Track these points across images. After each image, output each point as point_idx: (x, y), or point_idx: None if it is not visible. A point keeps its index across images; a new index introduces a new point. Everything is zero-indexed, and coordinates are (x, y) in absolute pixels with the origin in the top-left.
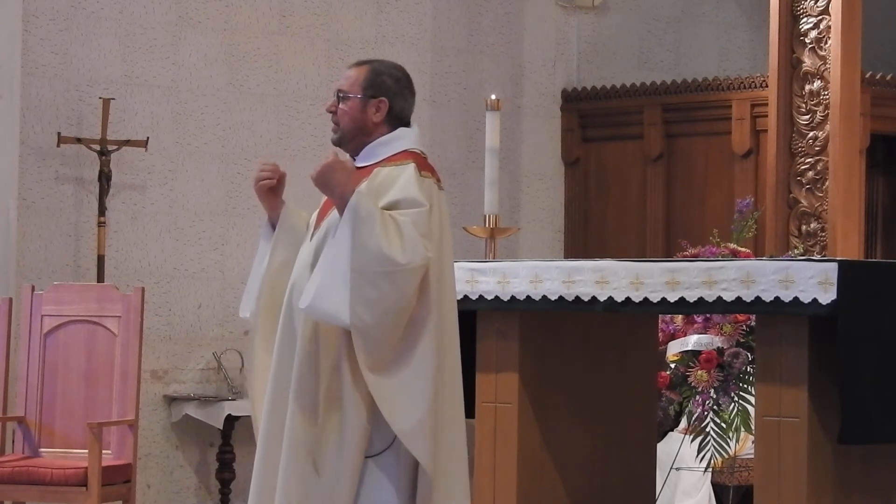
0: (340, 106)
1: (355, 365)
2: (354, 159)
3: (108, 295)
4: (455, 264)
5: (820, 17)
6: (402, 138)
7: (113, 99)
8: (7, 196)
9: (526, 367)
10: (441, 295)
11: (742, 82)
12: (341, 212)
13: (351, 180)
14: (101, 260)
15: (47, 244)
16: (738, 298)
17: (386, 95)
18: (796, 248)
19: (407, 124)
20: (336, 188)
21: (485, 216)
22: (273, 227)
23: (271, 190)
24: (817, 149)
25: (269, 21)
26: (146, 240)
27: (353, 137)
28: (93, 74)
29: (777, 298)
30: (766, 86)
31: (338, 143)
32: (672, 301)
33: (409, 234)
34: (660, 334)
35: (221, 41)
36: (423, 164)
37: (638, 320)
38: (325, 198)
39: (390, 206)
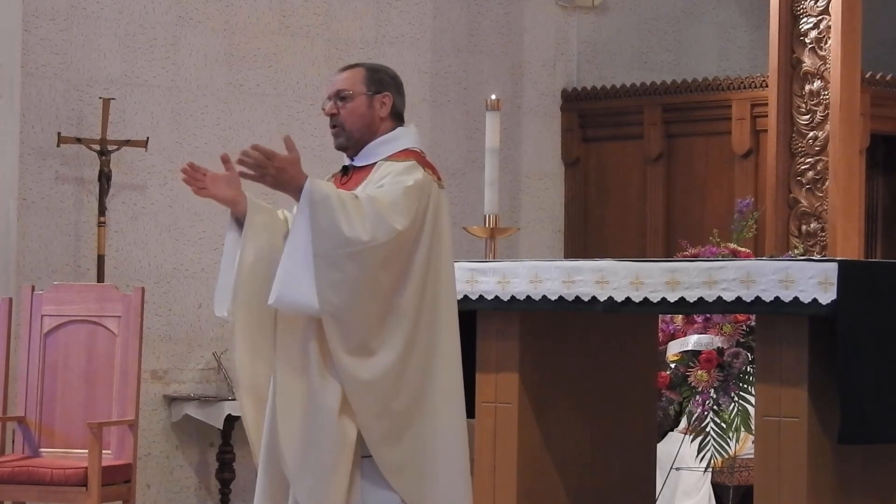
0: (343, 108)
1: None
2: (353, 160)
3: (108, 295)
4: (455, 264)
5: (820, 17)
6: (403, 137)
7: (113, 99)
8: (7, 196)
9: (526, 367)
10: (435, 289)
11: (742, 82)
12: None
13: (300, 170)
14: (101, 260)
15: (47, 244)
16: (738, 298)
17: (388, 90)
18: (796, 248)
19: (403, 121)
20: (290, 183)
21: (485, 216)
22: (238, 222)
23: (226, 183)
24: (817, 149)
25: (269, 21)
26: (146, 240)
27: (360, 136)
28: (93, 74)
29: (777, 298)
30: (766, 86)
31: (343, 146)
32: (672, 301)
33: (371, 210)
34: (660, 334)
35: (221, 41)
36: (424, 162)
37: (638, 320)
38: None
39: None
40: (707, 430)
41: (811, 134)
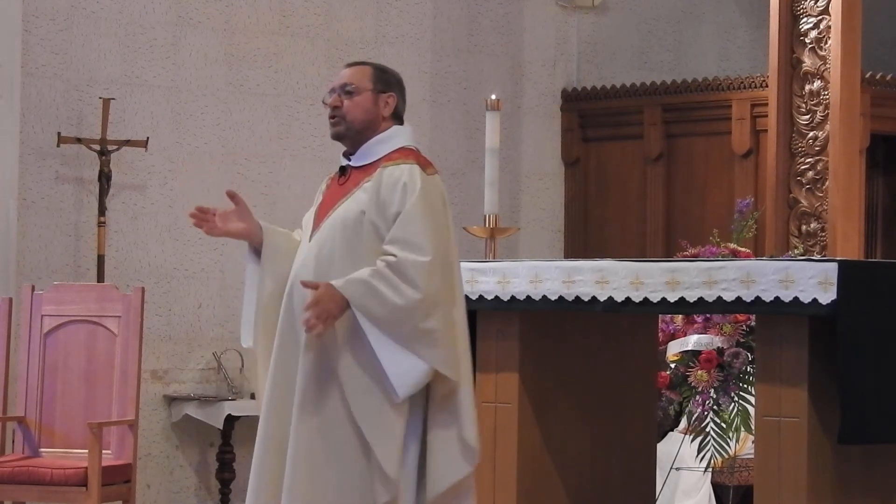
0: (348, 100)
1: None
2: (350, 157)
3: (108, 295)
4: None
5: (820, 17)
6: (398, 135)
7: (113, 99)
8: (7, 196)
9: (526, 367)
10: (451, 284)
11: (742, 82)
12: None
13: (332, 291)
14: (101, 260)
15: (47, 244)
16: (738, 298)
17: (393, 91)
18: (796, 248)
19: (402, 123)
20: (335, 308)
21: (485, 216)
22: (256, 252)
23: (238, 218)
24: (817, 149)
25: (269, 21)
26: (146, 240)
27: (360, 131)
28: (93, 74)
29: (777, 298)
30: (766, 86)
31: (341, 134)
32: (672, 301)
33: (406, 270)
34: (660, 334)
35: (221, 41)
36: (423, 161)
37: (638, 320)
38: (320, 195)
39: (394, 216)
40: (707, 430)
41: (811, 134)
